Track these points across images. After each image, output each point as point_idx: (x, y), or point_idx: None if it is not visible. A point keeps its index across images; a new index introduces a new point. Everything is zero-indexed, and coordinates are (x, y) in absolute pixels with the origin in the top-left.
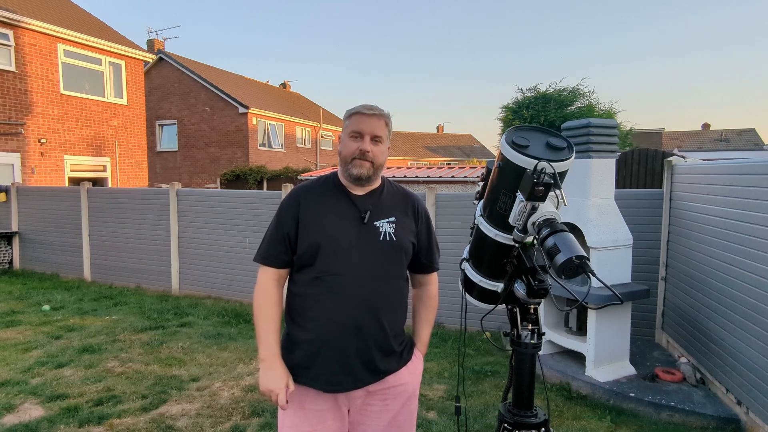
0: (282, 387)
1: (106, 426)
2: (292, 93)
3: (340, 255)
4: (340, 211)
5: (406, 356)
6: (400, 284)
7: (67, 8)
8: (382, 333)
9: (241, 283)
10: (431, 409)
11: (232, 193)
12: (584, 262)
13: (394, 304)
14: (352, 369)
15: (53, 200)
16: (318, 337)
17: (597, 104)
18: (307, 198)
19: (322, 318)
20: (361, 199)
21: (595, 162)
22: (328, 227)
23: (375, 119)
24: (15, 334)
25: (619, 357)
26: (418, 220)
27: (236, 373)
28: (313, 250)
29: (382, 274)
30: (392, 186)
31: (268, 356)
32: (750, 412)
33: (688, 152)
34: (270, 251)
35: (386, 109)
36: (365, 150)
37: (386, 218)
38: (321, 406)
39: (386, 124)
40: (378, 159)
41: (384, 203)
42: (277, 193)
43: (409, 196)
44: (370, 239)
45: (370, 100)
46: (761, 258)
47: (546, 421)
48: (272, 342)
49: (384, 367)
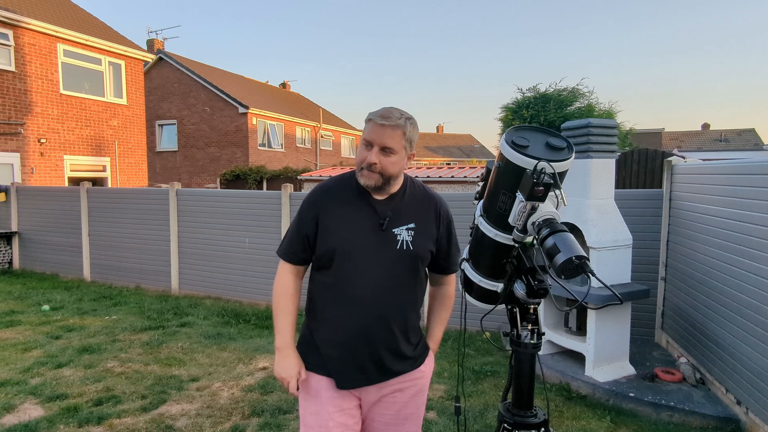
0: (294, 375)
1: (106, 426)
2: (292, 93)
3: (356, 263)
4: (358, 216)
5: (420, 360)
6: (415, 290)
7: (66, 8)
8: (394, 340)
9: (241, 283)
10: (431, 409)
11: (232, 193)
12: (584, 262)
13: (408, 311)
14: (364, 369)
15: (53, 200)
16: (332, 339)
17: (597, 104)
18: (327, 200)
19: (336, 323)
20: (381, 204)
21: (594, 162)
22: (345, 233)
23: (388, 130)
24: (15, 334)
25: (618, 357)
26: (439, 225)
27: (236, 373)
28: (330, 255)
29: (397, 283)
30: (415, 187)
31: (284, 346)
32: (750, 412)
33: (687, 152)
34: (290, 248)
35: (409, 112)
36: (371, 162)
37: (405, 225)
38: (336, 393)
39: (403, 134)
40: (388, 170)
41: (404, 208)
42: (277, 193)
43: (432, 199)
44: (387, 247)
45: (371, 100)
46: (761, 258)
47: (546, 421)
48: (287, 333)
49: (396, 368)
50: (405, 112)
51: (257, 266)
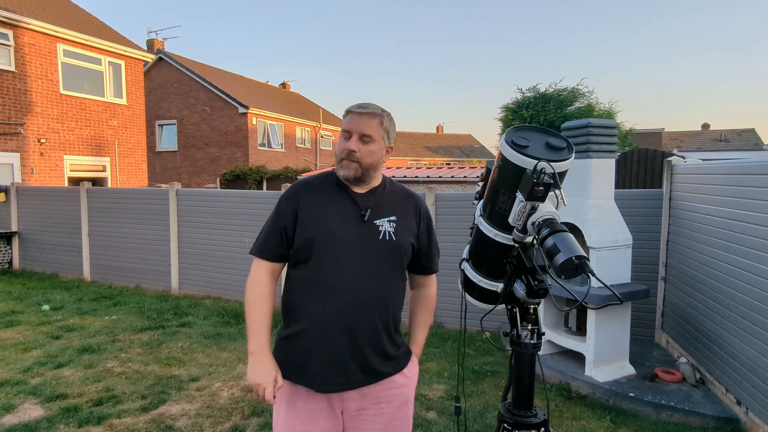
0: (270, 381)
1: (106, 426)
2: (291, 93)
3: (337, 253)
4: (339, 208)
5: (402, 362)
6: (397, 285)
7: (66, 8)
8: (377, 334)
9: (241, 283)
10: (431, 409)
11: (232, 193)
12: (584, 262)
13: (390, 304)
14: (345, 369)
15: (53, 200)
16: (311, 335)
17: (597, 104)
18: (307, 193)
19: (316, 316)
20: (361, 197)
21: (594, 162)
22: (326, 223)
23: (366, 117)
24: (14, 334)
25: (618, 357)
26: (420, 221)
27: (236, 373)
28: (310, 246)
29: (380, 273)
30: (394, 185)
31: (257, 349)
32: (749, 412)
33: (687, 152)
34: (266, 243)
35: (387, 107)
36: (350, 149)
37: (387, 217)
38: (313, 406)
39: (380, 123)
40: (365, 159)
41: (385, 202)
42: (277, 193)
43: (411, 196)
44: (369, 238)
45: (370, 100)
46: (761, 258)
47: (546, 421)
48: (262, 335)
49: (379, 369)
50: (379, 106)
51: None
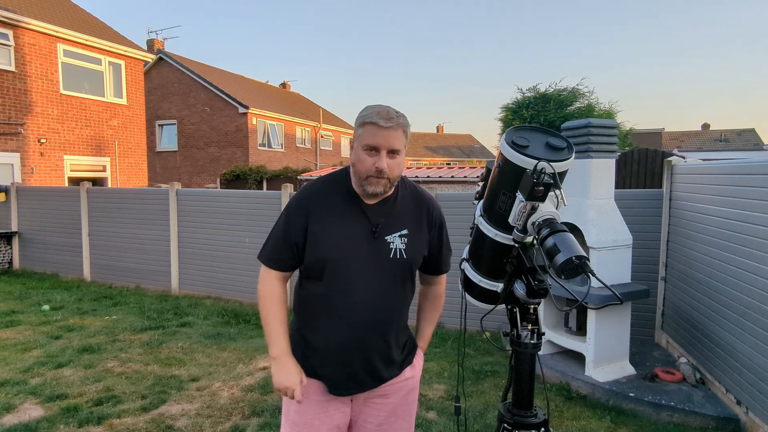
0: (297, 383)
1: (106, 426)
2: (292, 93)
3: (348, 273)
4: (350, 224)
5: (408, 359)
6: (407, 296)
7: (66, 8)
8: (387, 347)
9: (241, 283)
10: (431, 409)
11: (232, 193)
12: (584, 262)
13: (400, 317)
14: (356, 377)
15: (53, 200)
16: (324, 349)
17: (597, 104)
18: (317, 206)
19: (329, 333)
20: (373, 210)
21: (594, 162)
22: (337, 242)
23: (392, 131)
24: (15, 334)
25: (618, 357)
26: (431, 228)
27: (236, 373)
28: (321, 266)
29: (390, 290)
30: (406, 187)
31: (280, 354)
32: (750, 412)
33: (687, 152)
34: (278, 255)
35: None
36: (381, 168)
37: (398, 231)
38: (324, 397)
39: (404, 133)
40: (394, 173)
41: (397, 213)
42: (277, 193)
43: (422, 200)
44: (380, 257)
45: (371, 100)
46: (761, 258)
47: (546, 421)
48: (282, 340)
49: (387, 374)
50: (397, 110)
51: (257, 266)
